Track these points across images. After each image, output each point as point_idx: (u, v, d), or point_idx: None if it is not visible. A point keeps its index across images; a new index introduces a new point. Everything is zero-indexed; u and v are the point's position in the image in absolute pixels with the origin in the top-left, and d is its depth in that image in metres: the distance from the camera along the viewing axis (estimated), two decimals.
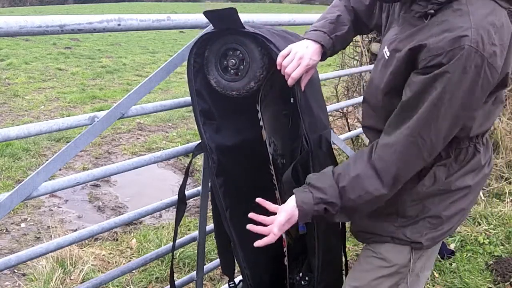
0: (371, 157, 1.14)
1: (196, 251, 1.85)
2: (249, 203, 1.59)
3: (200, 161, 3.52)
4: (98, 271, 2.47)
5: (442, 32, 1.03)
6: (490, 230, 2.89)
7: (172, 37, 16.02)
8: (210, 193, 1.65)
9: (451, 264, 2.58)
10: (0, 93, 6.77)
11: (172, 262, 1.63)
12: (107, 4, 35.90)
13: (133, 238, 2.87)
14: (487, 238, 2.81)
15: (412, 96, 1.08)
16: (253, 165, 1.59)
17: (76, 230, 2.07)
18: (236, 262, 1.70)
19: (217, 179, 1.51)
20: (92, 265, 2.50)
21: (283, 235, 1.65)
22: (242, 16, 1.33)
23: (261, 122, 1.56)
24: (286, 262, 1.69)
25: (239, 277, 1.77)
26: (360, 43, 4.36)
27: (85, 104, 6.48)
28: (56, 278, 2.32)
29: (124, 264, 1.83)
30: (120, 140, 4.99)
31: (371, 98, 1.27)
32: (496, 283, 2.45)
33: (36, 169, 1.23)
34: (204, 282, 2.37)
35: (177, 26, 1.40)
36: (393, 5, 1.27)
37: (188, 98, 1.56)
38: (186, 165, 1.55)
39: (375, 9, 1.40)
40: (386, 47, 1.19)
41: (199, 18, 1.42)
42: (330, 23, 1.35)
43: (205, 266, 1.94)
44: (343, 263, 1.64)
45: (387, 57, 1.17)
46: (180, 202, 1.56)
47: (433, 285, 2.43)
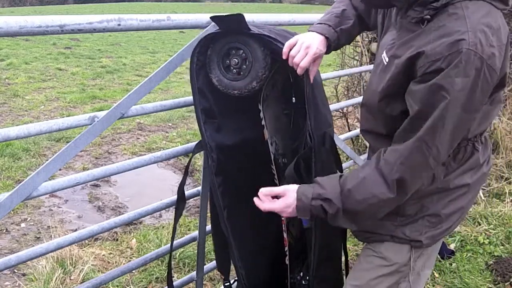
0: (379, 163, 1.15)
1: (196, 251, 1.85)
2: (248, 203, 1.59)
3: (200, 161, 3.52)
4: (98, 271, 2.47)
5: (440, 38, 1.04)
6: (490, 230, 2.89)
7: (172, 37, 16.02)
8: (209, 193, 1.65)
9: (451, 264, 2.58)
10: (0, 93, 6.77)
11: (170, 260, 1.63)
12: (107, 4, 35.91)
13: (133, 238, 2.87)
14: (487, 238, 2.81)
15: (419, 108, 1.08)
16: (254, 165, 1.59)
17: (76, 230, 2.07)
18: (232, 262, 1.70)
19: (216, 178, 1.51)
20: (92, 265, 2.50)
21: (284, 235, 1.65)
22: None
23: (263, 122, 1.56)
24: (287, 262, 1.69)
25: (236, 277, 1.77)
26: (360, 43, 4.36)
27: (85, 104, 6.48)
28: (56, 278, 2.32)
29: (124, 264, 1.83)
30: (120, 140, 4.99)
31: (369, 102, 1.28)
32: (496, 283, 2.45)
33: (36, 169, 1.23)
34: (204, 282, 2.37)
35: (177, 26, 1.40)
36: (390, 9, 1.28)
37: (188, 98, 1.56)
38: (185, 165, 1.55)
39: (372, 10, 1.40)
40: (385, 53, 1.19)
41: (199, 18, 1.42)
42: (336, 17, 1.37)
43: (205, 266, 1.94)
44: (343, 262, 1.64)
45: (386, 63, 1.18)
46: (180, 200, 1.56)
47: (433, 285, 2.43)
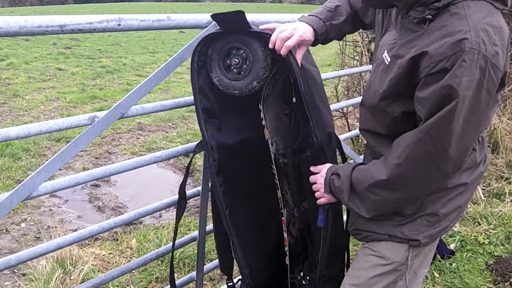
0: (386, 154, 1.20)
1: (196, 251, 1.85)
2: (249, 202, 1.59)
3: (200, 161, 3.52)
4: (98, 271, 2.47)
5: (443, 37, 1.04)
6: (490, 230, 2.89)
7: (172, 37, 16.03)
8: (210, 192, 1.65)
9: (451, 264, 2.58)
10: (0, 93, 6.77)
11: (172, 260, 1.63)
12: (107, 4, 35.91)
13: (133, 238, 2.87)
14: (487, 238, 2.81)
15: (428, 111, 1.08)
16: (254, 164, 1.59)
17: (76, 230, 2.07)
18: (235, 261, 1.70)
19: (217, 178, 1.50)
20: (92, 265, 2.50)
21: (285, 235, 1.65)
22: None
23: (263, 122, 1.56)
24: (288, 262, 1.69)
25: (239, 277, 1.77)
26: (360, 43, 4.36)
27: (85, 104, 6.48)
28: (56, 278, 2.32)
29: (124, 264, 1.83)
30: (120, 140, 4.99)
31: (369, 102, 1.28)
32: (496, 283, 2.45)
33: (36, 169, 1.23)
34: (204, 282, 2.37)
35: (177, 26, 1.40)
36: (389, 9, 1.27)
37: (188, 98, 1.56)
38: (187, 164, 1.55)
39: (370, 8, 1.40)
40: (386, 52, 1.19)
41: (199, 18, 1.42)
42: (328, 11, 1.39)
43: (205, 266, 1.94)
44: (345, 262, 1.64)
45: (388, 63, 1.17)
46: (181, 199, 1.57)
47: (433, 285, 2.43)
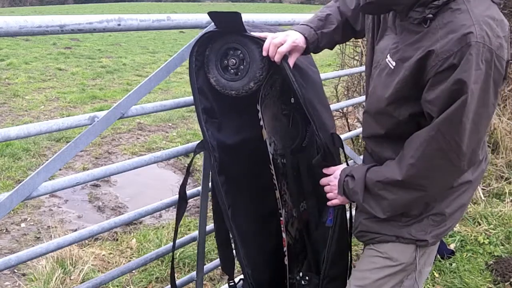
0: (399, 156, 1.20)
1: (196, 251, 1.85)
2: (250, 202, 1.59)
3: (200, 161, 3.52)
4: (98, 271, 2.47)
5: (447, 34, 1.04)
6: (490, 230, 2.89)
7: (172, 37, 16.03)
8: (211, 192, 1.66)
9: (451, 264, 2.58)
10: (0, 93, 6.77)
11: (173, 260, 1.63)
12: (107, 4, 35.91)
13: (133, 238, 2.87)
14: (487, 238, 2.81)
15: (439, 109, 1.08)
16: (254, 164, 1.59)
17: (76, 230, 2.07)
18: (237, 261, 1.70)
19: (219, 177, 1.50)
20: (92, 265, 2.50)
21: (283, 235, 1.65)
22: (242, 16, 1.33)
23: (261, 122, 1.56)
24: (286, 262, 1.69)
25: (239, 276, 1.77)
26: (360, 43, 4.36)
27: (85, 104, 6.48)
28: (56, 278, 2.32)
29: (124, 264, 1.83)
30: (120, 140, 4.99)
31: (375, 108, 1.27)
32: (496, 283, 2.45)
33: (36, 169, 1.23)
34: (204, 282, 2.37)
35: (177, 26, 1.40)
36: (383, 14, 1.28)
37: (188, 98, 1.56)
38: (187, 165, 1.56)
39: (360, 16, 1.41)
40: (390, 57, 1.18)
41: (199, 18, 1.42)
42: (319, 20, 1.40)
43: (205, 266, 1.94)
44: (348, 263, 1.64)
45: (393, 67, 1.17)
46: (181, 200, 1.57)
47: (433, 285, 2.43)
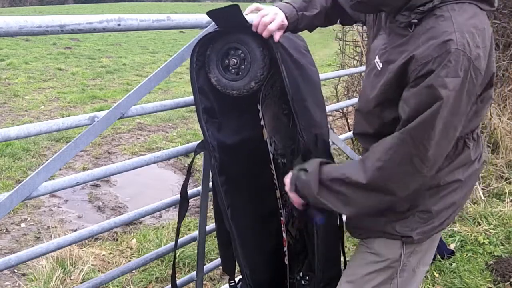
0: (364, 155, 1.19)
1: (196, 251, 1.85)
2: (250, 202, 1.60)
3: (200, 161, 3.52)
4: (98, 271, 2.47)
5: (428, 40, 1.05)
6: (490, 230, 2.89)
7: (172, 37, 16.02)
8: (212, 192, 1.66)
9: (451, 264, 2.58)
10: (0, 93, 6.77)
11: (174, 260, 1.63)
12: (107, 4, 35.89)
13: (133, 238, 2.87)
14: (487, 238, 2.81)
15: (411, 109, 1.08)
16: (255, 164, 1.59)
17: (76, 230, 2.07)
18: (236, 261, 1.70)
19: (220, 177, 1.51)
20: (92, 265, 2.50)
21: (284, 235, 1.65)
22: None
23: (262, 122, 1.56)
24: (287, 262, 1.69)
25: (240, 276, 1.77)
26: (360, 43, 4.36)
27: (85, 104, 6.47)
28: (56, 278, 2.32)
29: (124, 264, 1.83)
30: (120, 140, 4.99)
31: (363, 108, 1.29)
32: (496, 283, 2.45)
33: (36, 169, 1.23)
34: (204, 282, 2.37)
35: (177, 26, 1.40)
36: (380, 12, 1.29)
37: (188, 98, 1.56)
38: (187, 165, 1.56)
39: None
40: (378, 58, 1.21)
41: (199, 18, 1.42)
42: (303, 1, 1.41)
43: (205, 266, 1.94)
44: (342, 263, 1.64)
45: (380, 68, 1.19)
46: (183, 200, 1.57)
47: (433, 285, 2.43)
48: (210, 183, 1.67)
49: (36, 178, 1.22)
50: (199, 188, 1.73)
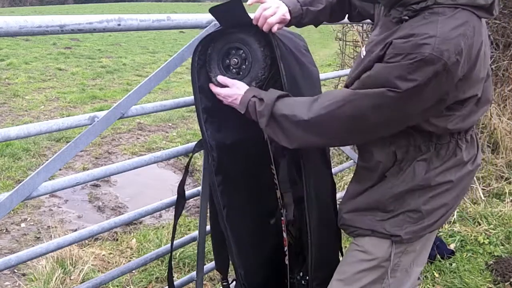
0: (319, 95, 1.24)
1: (196, 251, 1.85)
2: (248, 202, 1.59)
3: (200, 161, 3.52)
4: (98, 271, 2.47)
5: (409, 36, 1.08)
6: (490, 230, 2.89)
7: (172, 37, 16.02)
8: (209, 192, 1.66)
9: (451, 264, 2.58)
10: (0, 93, 6.77)
11: (171, 259, 1.63)
12: (107, 4, 35.89)
13: (133, 238, 2.87)
14: (487, 238, 2.80)
15: (369, 79, 1.13)
16: (254, 164, 1.59)
17: (76, 230, 2.07)
18: (231, 261, 1.70)
19: (216, 177, 1.51)
20: (92, 265, 2.50)
21: (284, 234, 1.65)
22: None
23: None
24: (287, 261, 1.69)
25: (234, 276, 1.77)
26: (360, 43, 4.36)
27: (85, 104, 6.48)
28: (56, 278, 2.32)
29: (124, 264, 1.83)
30: (120, 140, 4.99)
31: None
32: (496, 283, 2.45)
33: (36, 169, 1.23)
34: (204, 282, 2.37)
35: (177, 26, 1.40)
36: (380, 6, 1.31)
37: (188, 98, 1.56)
38: (186, 163, 1.56)
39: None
40: (364, 47, 1.24)
41: (199, 18, 1.42)
42: None
43: (205, 266, 1.94)
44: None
45: (362, 57, 1.22)
46: (180, 197, 1.57)
47: (433, 285, 2.43)
48: None
49: (36, 178, 1.22)
50: (199, 188, 1.73)
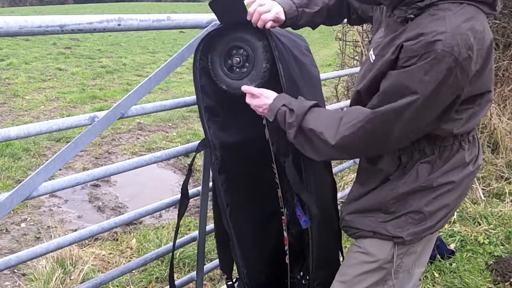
0: (344, 113, 1.22)
1: (196, 251, 1.85)
2: (250, 201, 1.60)
3: (200, 161, 3.52)
4: (98, 271, 2.47)
5: (418, 36, 1.07)
6: (490, 230, 2.89)
7: (172, 37, 16.02)
8: (212, 191, 1.66)
9: (451, 264, 2.58)
10: (0, 93, 6.77)
11: (172, 257, 1.63)
12: (107, 4, 35.89)
13: (133, 238, 2.87)
14: (487, 238, 2.80)
15: (385, 94, 1.13)
16: (256, 163, 1.59)
17: (76, 230, 2.07)
18: (234, 260, 1.70)
19: (219, 176, 1.51)
20: (92, 265, 2.50)
21: (285, 234, 1.65)
22: None
23: (264, 121, 1.56)
24: (287, 261, 1.69)
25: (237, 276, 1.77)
26: (360, 43, 4.36)
27: (85, 104, 6.47)
28: (56, 278, 2.32)
29: (124, 264, 1.83)
30: (120, 140, 4.99)
31: (353, 99, 1.31)
32: (496, 283, 2.45)
33: (36, 169, 1.23)
34: (204, 282, 2.37)
35: (177, 26, 1.40)
36: (382, 7, 1.30)
37: (188, 98, 1.56)
38: (186, 165, 1.57)
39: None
40: (372, 50, 1.22)
41: (199, 18, 1.42)
42: None
43: (205, 266, 1.94)
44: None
45: (372, 61, 1.21)
46: (183, 197, 1.57)
47: (433, 285, 2.43)
48: (210, 183, 1.67)
49: (36, 178, 1.22)
50: (199, 188, 1.73)
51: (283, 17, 1.34)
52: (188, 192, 1.60)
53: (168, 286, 1.71)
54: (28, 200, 2.30)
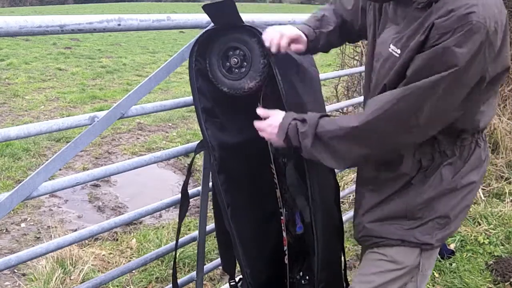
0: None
1: (196, 251, 1.85)
2: (250, 201, 1.60)
3: (200, 161, 3.52)
4: (98, 271, 2.47)
5: (449, 12, 1.05)
6: (490, 230, 2.89)
7: (172, 37, 16.02)
8: (212, 192, 1.66)
9: (451, 264, 2.58)
10: (0, 93, 6.77)
11: (175, 260, 1.63)
12: (107, 4, 35.89)
13: (133, 238, 2.87)
14: (487, 238, 2.81)
15: (419, 70, 1.09)
16: (255, 164, 1.59)
17: (76, 230, 2.07)
18: (237, 260, 1.70)
19: (219, 176, 1.51)
20: (92, 265, 2.50)
21: (284, 234, 1.65)
22: (242, 17, 1.34)
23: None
24: (287, 261, 1.69)
25: (240, 276, 1.77)
26: (360, 43, 4.36)
27: (85, 104, 6.47)
28: (56, 278, 2.32)
29: (124, 264, 1.83)
30: (120, 140, 4.99)
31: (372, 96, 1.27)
32: (496, 283, 2.45)
33: (36, 169, 1.23)
34: (204, 282, 2.37)
35: (177, 26, 1.40)
36: (384, 6, 1.28)
37: (188, 98, 1.56)
38: (186, 165, 1.57)
39: (359, 11, 1.42)
40: (393, 46, 1.19)
41: (199, 18, 1.42)
42: (316, 20, 1.42)
43: (205, 266, 1.94)
44: (342, 263, 1.64)
45: (398, 54, 1.17)
46: (184, 198, 1.57)
47: (433, 285, 2.43)
48: (210, 183, 1.67)
49: (36, 178, 1.22)
50: (199, 188, 1.73)
51: (302, 41, 1.35)
52: (188, 194, 1.60)
53: (168, 286, 1.71)
54: (28, 200, 2.29)
